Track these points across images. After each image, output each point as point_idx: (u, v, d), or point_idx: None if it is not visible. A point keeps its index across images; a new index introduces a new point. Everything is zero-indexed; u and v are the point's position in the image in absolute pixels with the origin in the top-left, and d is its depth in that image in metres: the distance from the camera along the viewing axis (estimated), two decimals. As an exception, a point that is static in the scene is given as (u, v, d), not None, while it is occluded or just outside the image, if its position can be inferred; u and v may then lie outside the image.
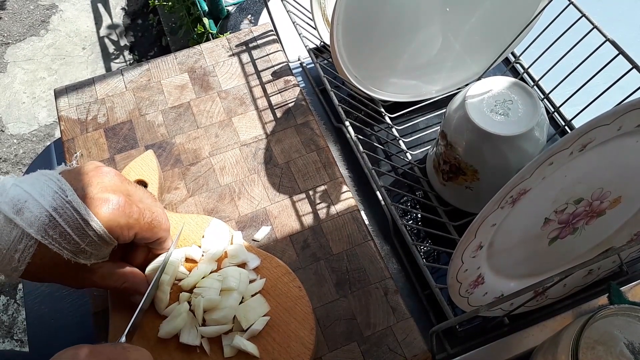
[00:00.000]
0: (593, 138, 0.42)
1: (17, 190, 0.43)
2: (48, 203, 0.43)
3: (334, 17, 0.57)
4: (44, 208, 0.43)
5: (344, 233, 0.59)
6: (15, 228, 0.42)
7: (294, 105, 0.69)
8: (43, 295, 0.62)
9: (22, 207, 0.42)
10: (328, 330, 0.54)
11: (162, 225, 0.51)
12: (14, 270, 0.43)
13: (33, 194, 0.43)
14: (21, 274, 0.44)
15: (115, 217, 0.46)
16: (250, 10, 1.74)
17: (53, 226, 0.43)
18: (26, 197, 0.43)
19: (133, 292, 0.50)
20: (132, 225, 0.47)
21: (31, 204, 0.43)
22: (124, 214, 0.46)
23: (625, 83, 0.56)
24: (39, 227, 0.42)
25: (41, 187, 0.44)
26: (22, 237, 0.42)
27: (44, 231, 0.42)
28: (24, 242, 0.42)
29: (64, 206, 0.43)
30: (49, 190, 0.44)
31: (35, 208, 0.43)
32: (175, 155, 0.65)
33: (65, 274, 0.46)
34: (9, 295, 1.56)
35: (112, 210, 0.45)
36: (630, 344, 0.43)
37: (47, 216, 0.43)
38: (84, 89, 0.70)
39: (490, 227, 0.45)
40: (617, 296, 0.46)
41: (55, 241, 0.43)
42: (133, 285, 0.50)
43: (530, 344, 0.54)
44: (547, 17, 0.64)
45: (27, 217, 0.42)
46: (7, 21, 2.19)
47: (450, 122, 0.57)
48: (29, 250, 0.42)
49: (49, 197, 0.43)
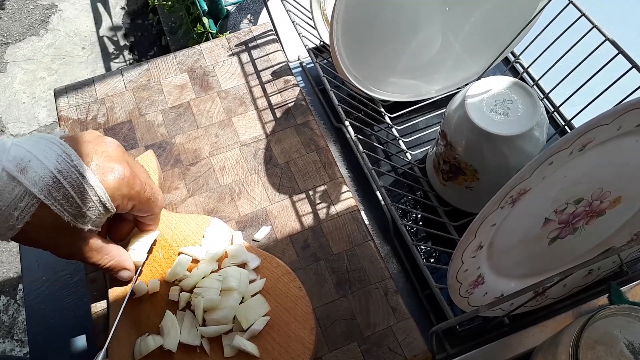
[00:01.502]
0: (593, 138, 0.42)
1: (20, 150, 0.43)
2: (52, 165, 0.43)
3: (333, 17, 0.57)
4: (48, 169, 0.43)
5: (344, 233, 0.59)
6: (18, 186, 0.42)
7: (294, 105, 0.69)
8: (43, 295, 0.62)
9: (26, 167, 0.42)
10: (328, 330, 0.54)
11: (158, 203, 0.53)
12: (9, 229, 0.43)
13: (36, 154, 0.43)
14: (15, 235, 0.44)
15: (120, 187, 0.47)
16: (250, 10, 1.74)
17: (57, 187, 0.43)
18: (30, 157, 0.43)
19: (119, 269, 0.52)
20: (133, 196, 0.48)
21: (35, 164, 0.43)
22: (128, 184, 0.47)
23: (625, 83, 0.56)
24: (42, 187, 0.42)
25: (44, 149, 0.44)
26: (25, 195, 0.42)
27: (48, 191, 0.43)
28: (26, 200, 0.42)
29: (68, 170, 0.44)
30: (52, 153, 0.44)
31: (39, 168, 0.43)
32: (175, 155, 0.65)
33: (58, 239, 0.46)
34: (9, 295, 1.56)
35: (117, 179, 0.46)
36: (630, 344, 0.43)
37: (52, 177, 0.43)
38: (83, 89, 0.70)
39: (490, 227, 0.45)
40: (617, 296, 0.46)
41: (58, 202, 0.43)
42: (119, 262, 0.51)
43: (530, 344, 0.54)
44: (547, 16, 0.64)
45: (31, 176, 0.42)
46: (6, 21, 2.19)
47: (450, 121, 0.57)
48: (29, 209, 0.42)
49: (52, 159, 0.43)
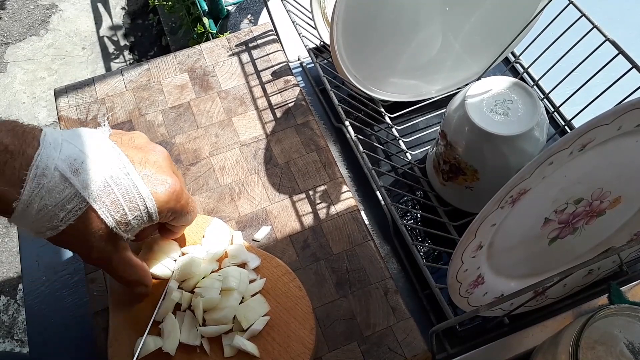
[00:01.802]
0: (593, 138, 0.42)
1: (72, 149, 0.42)
2: (106, 169, 0.43)
3: (333, 17, 0.57)
4: (101, 174, 0.42)
5: (344, 233, 0.59)
6: (69, 187, 0.41)
7: (294, 105, 0.69)
8: (43, 295, 0.62)
9: (78, 168, 0.42)
10: (328, 330, 0.54)
11: (194, 214, 0.51)
12: (50, 228, 0.41)
13: (90, 155, 0.42)
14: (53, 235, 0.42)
15: (169, 200, 0.46)
16: (250, 10, 1.74)
17: (107, 193, 0.42)
18: (83, 158, 0.42)
19: (138, 286, 0.50)
20: (178, 210, 0.47)
21: (88, 166, 0.42)
22: (177, 198, 0.46)
23: (625, 83, 0.56)
24: (93, 190, 0.42)
25: (96, 151, 0.43)
26: (74, 197, 0.41)
27: (97, 195, 0.42)
28: (74, 202, 0.41)
29: (121, 176, 0.43)
30: (105, 156, 0.43)
31: (92, 171, 0.42)
32: (175, 155, 0.65)
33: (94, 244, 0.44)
34: (9, 295, 1.56)
35: (168, 192, 0.45)
36: (630, 343, 0.43)
37: (103, 182, 0.42)
38: (83, 89, 0.70)
39: (490, 227, 0.45)
40: (617, 296, 0.46)
41: (106, 207, 0.42)
42: (141, 278, 0.50)
43: (530, 344, 0.54)
44: (547, 16, 0.64)
45: (83, 178, 0.41)
46: (7, 21, 2.19)
47: (450, 122, 0.57)
48: (76, 212, 0.41)
49: (106, 164, 0.43)
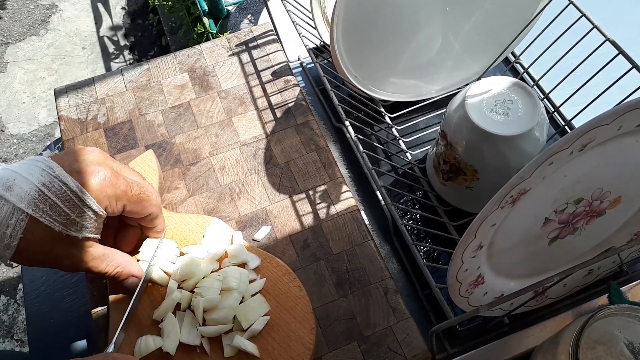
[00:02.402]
0: (593, 138, 0.42)
1: (6, 172, 0.45)
2: (37, 179, 0.44)
3: (333, 17, 0.57)
4: (32, 184, 0.44)
5: (344, 233, 0.59)
6: (6, 204, 0.43)
7: (294, 105, 0.69)
8: (43, 295, 0.62)
9: (11, 185, 0.44)
10: (328, 330, 0.54)
11: (152, 200, 0.52)
12: (6, 248, 0.44)
13: (21, 172, 0.45)
14: (14, 254, 0.44)
15: (103, 188, 0.47)
16: (250, 10, 1.74)
17: (43, 200, 0.44)
18: (15, 176, 0.44)
19: (126, 276, 0.51)
20: (120, 196, 0.48)
21: (20, 181, 0.44)
22: (111, 184, 0.48)
23: (625, 83, 0.56)
24: (29, 201, 0.43)
25: (29, 167, 0.45)
26: (14, 212, 0.43)
27: (35, 205, 0.44)
28: (15, 216, 0.43)
29: (52, 180, 0.45)
30: (36, 169, 0.45)
31: (24, 184, 0.44)
32: (175, 155, 0.65)
33: (56, 252, 0.46)
34: (9, 295, 1.56)
35: (99, 181, 0.47)
36: (630, 344, 0.43)
37: (37, 191, 0.44)
38: (84, 89, 0.70)
39: (490, 227, 0.45)
40: (617, 296, 0.46)
41: (46, 214, 0.44)
42: (126, 268, 0.51)
43: (530, 344, 0.54)
44: (547, 17, 0.64)
45: (17, 192, 0.43)
46: (7, 21, 2.19)
47: (450, 122, 0.57)
48: (20, 224, 0.43)
49: (37, 174, 0.45)
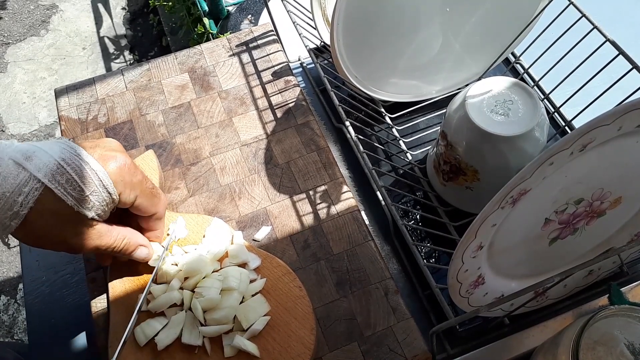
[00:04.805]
0: (593, 138, 0.42)
1: (27, 145, 0.45)
2: (57, 154, 0.45)
3: (334, 17, 0.57)
4: (52, 157, 0.45)
5: (345, 233, 0.59)
6: (23, 172, 0.43)
7: (294, 106, 0.69)
8: (43, 295, 0.62)
9: (31, 156, 0.44)
10: (328, 330, 0.54)
11: (161, 199, 0.53)
12: (13, 217, 0.43)
13: (43, 147, 0.45)
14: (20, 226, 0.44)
15: (122, 173, 0.48)
16: (251, 10, 1.74)
17: (60, 173, 0.44)
18: (35, 149, 0.45)
19: (135, 246, 0.51)
20: (135, 185, 0.49)
21: (40, 154, 0.44)
22: (130, 172, 0.49)
23: (625, 83, 0.56)
24: (46, 172, 0.44)
25: (51, 144, 0.46)
26: (29, 180, 0.43)
27: (52, 176, 0.44)
28: (30, 184, 0.43)
29: (72, 157, 0.45)
30: (58, 147, 0.46)
31: (44, 157, 0.44)
32: (176, 155, 0.65)
33: (63, 228, 0.46)
34: (9, 295, 1.56)
35: (119, 166, 0.48)
36: (631, 344, 0.43)
37: (56, 164, 0.44)
38: (84, 89, 0.70)
39: (490, 227, 0.45)
40: (617, 297, 0.46)
41: (62, 186, 0.44)
42: (133, 239, 0.51)
43: (530, 344, 0.54)
44: (547, 17, 0.64)
45: (35, 163, 0.44)
46: (7, 21, 2.19)
47: (451, 122, 0.57)
48: (33, 193, 0.43)
49: (57, 150, 0.45)
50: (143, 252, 0.52)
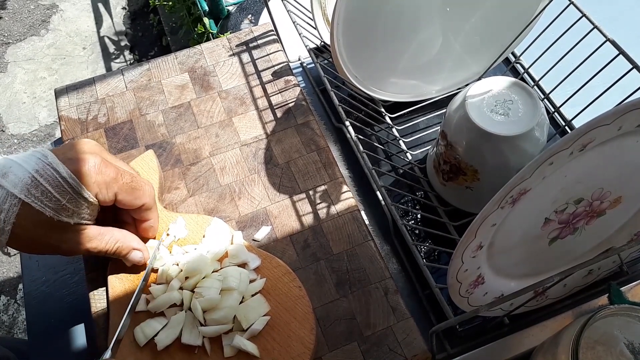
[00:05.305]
0: (593, 138, 0.42)
1: (5, 160, 0.47)
2: (31, 167, 0.47)
3: (334, 17, 0.57)
4: (27, 171, 0.46)
5: (344, 233, 0.59)
6: (1, 189, 0.45)
7: (294, 105, 0.69)
8: (43, 295, 0.62)
9: (7, 172, 0.46)
10: (328, 330, 0.54)
11: (145, 190, 0.53)
12: (0, 233, 0.45)
13: (18, 161, 0.47)
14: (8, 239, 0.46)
15: (92, 174, 0.49)
16: (251, 10, 1.74)
17: (35, 185, 0.46)
18: (11, 164, 0.47)
19: (128, 250, 0.52)
20: (110, 183, 0.50)
21: (16, 169, 0.46)
22: (100, 171, 0.49)
23: (626, 83, 0.56)
24: (22, 187, 0.46)
25: (26, 157, 0.48)
26: (7, 197, 0.45)
27: (27, 190, 0.46)
28: (9, 201, 0.45)
29: (45, 168, 0.47)
30: (32, 158, 0.47)
31: (19, 171, 0.46)
32: (176, 155, 0.65)
33: (50, 236, 0.48)
34: (9, 295, 1.56)
35: (88, 167, 0.49)
36: (630, 344, 0.43)
37: (30, 177, 0.46)
38: (84, 89, 0.70)
39: (490, 227, 0.45)
40: (617, 296, 0.46)
41: (38, 199, 0.46)
42: (125, 242, 0.52)
43: (530, 344, 0.54)
44: (548, 17, 0.64)
45: (11, 179, 0.46)
46: (7, 21, 2.19)
47: (451, 122, 0.57)
48: (13, 209, 0.45)
49: (32, 163, 0.47)
50: (137, 256, 0.53)
